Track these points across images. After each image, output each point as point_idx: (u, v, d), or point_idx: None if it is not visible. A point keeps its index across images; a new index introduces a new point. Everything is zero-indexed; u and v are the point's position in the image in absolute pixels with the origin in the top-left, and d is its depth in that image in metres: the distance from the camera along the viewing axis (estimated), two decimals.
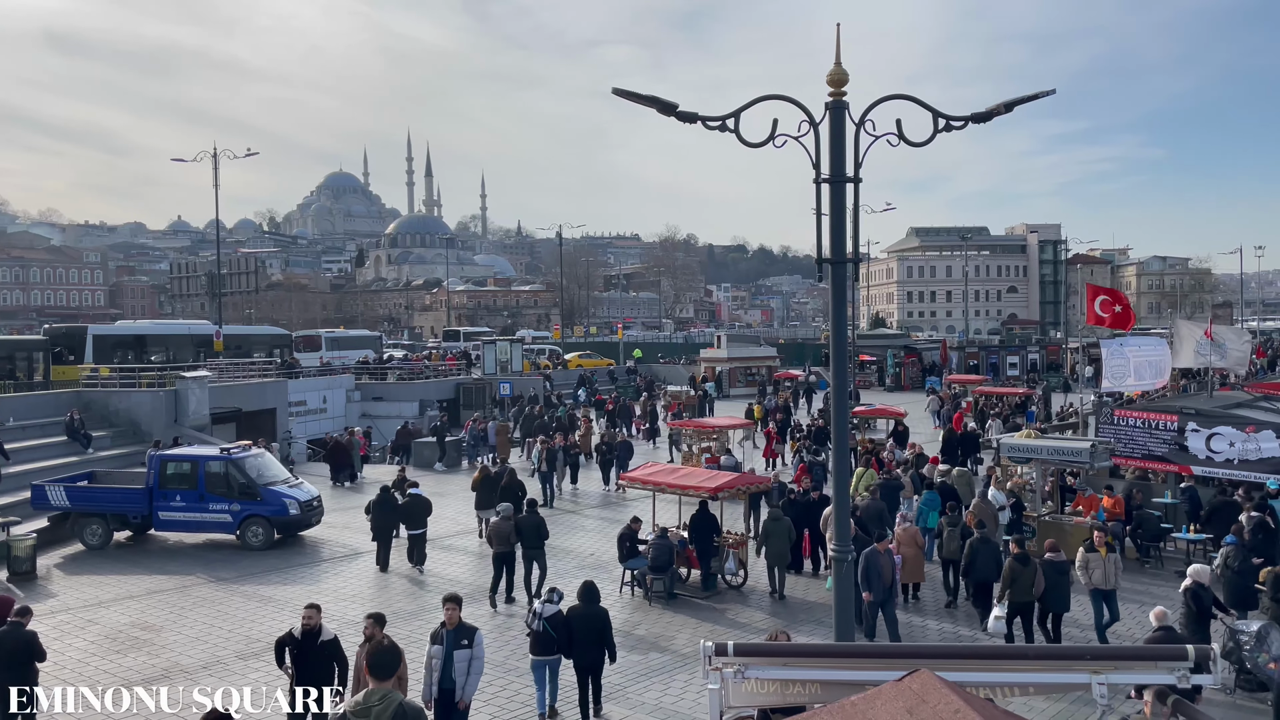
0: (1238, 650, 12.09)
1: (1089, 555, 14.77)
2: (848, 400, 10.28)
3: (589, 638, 11.86)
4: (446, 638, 10.83)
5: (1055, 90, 9.41)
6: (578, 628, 11.85)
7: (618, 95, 9.08)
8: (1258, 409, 23.06)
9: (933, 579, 17.54)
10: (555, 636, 11.74)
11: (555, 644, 11.79)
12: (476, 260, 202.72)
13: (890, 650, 4.54)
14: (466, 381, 47.35)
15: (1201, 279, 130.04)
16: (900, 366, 59.90)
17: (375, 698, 6.19)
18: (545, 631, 11.73)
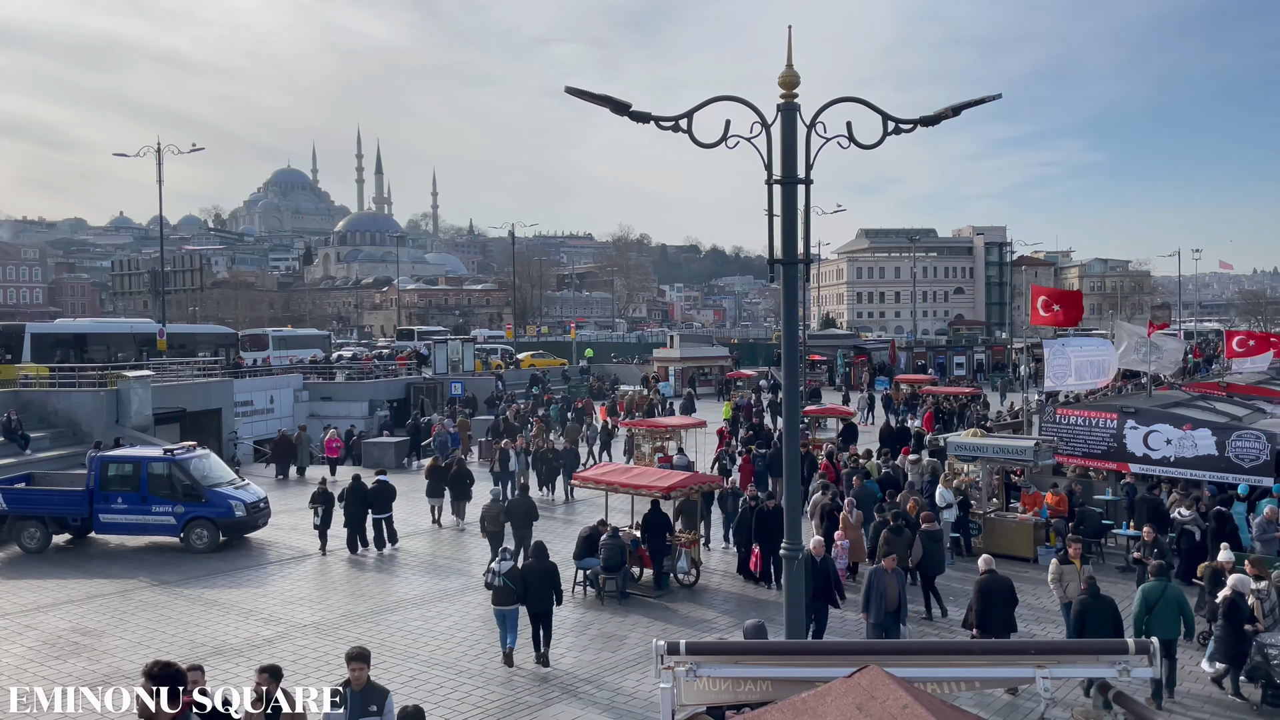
0: (1266, 664, 12.01)
1: (1063, 567, 13.81)
2: (799, 400, 10.37)
3: (541, 588, 13.75)
4: (351, 701, 8.95)
5: (1001, 95, 9.59)
6: (531, 580, 13.72)
7: (571, 94, 9.07)
8: (1194, 408, 23.72)
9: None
10: (513, 588, 13.55)
11: (513, 595, 13.56)
12: (428, 259, 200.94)
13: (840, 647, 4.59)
14: (417, 381, 46.92)
15: (1141, 281, 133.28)
16: (850, 366, 60.56)
17: None
18: (504, 585, 13.57)
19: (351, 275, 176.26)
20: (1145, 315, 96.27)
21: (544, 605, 13.80)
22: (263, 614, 16.46)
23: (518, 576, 13.73)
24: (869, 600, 13.50)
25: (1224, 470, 19.70)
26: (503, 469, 25.76)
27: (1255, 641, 12.22)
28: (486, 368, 54.93)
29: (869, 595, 13.48)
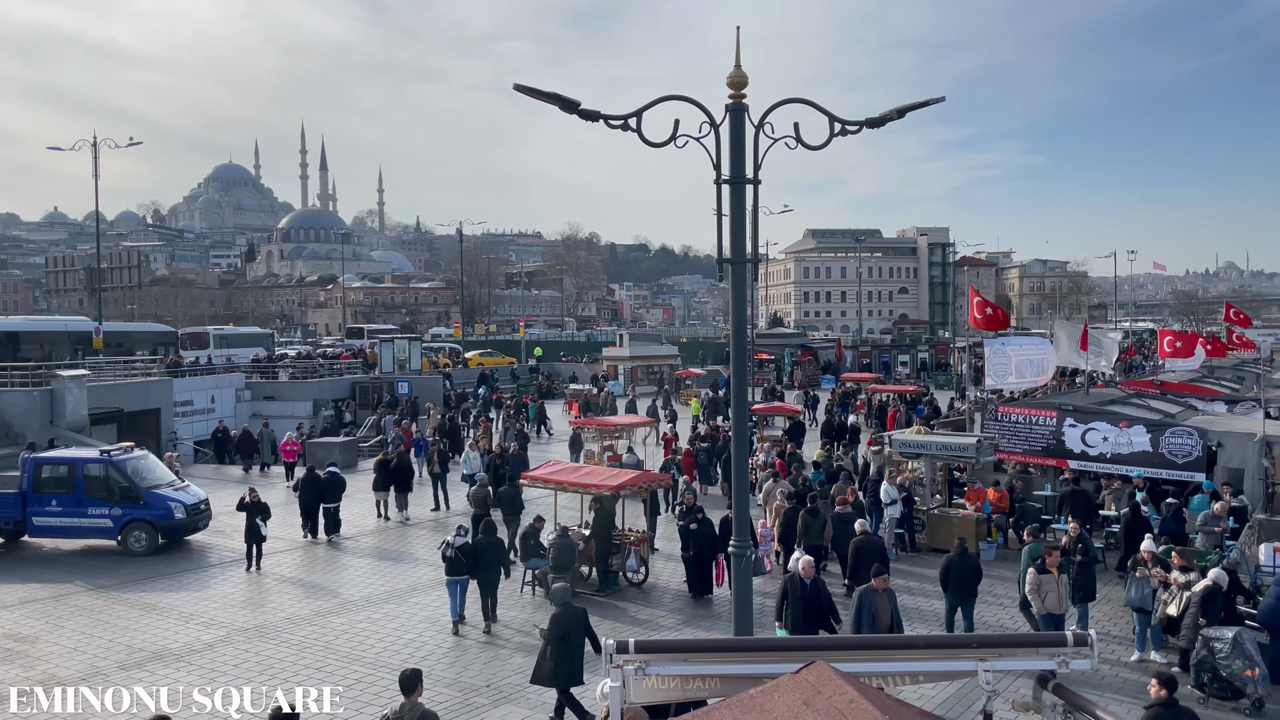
0: (1212, 657, 12.28)
1: (1041, 577, 13.31)
2: (747, 399, 10.45)
3: (490, 562, 15.46)
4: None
5: (944, 98, 9.75)
6: (481, 554, 15.41)
7: (519, 91, 9.01)
8: (1130, 405, 24.36)
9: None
10: (464, 561, 15.26)
11: (464, 566, 15.27)
12: (373, 256, 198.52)
13: (787, 644, 4.64)
14: (363, 380, 46.29)
15: (1079, 281, 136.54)
16: (797, 365, 61.11)
17: (406, 709, 8.38)
18: (456, 557, 15.26)
19: (295, 273, 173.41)
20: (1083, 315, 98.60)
21: (492, 576, 15.41)
22: (203, 618, 16.13)
23: (469, 550, 15.43)
24: (859, 622, 12.52)
25: (1158, 466, 20.24)
26: (443, 469, 25.43)
27: (1201, 635, 12.58)
28: (434, 367, 54.45)
29: (859, 617, 12.53)
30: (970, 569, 14.36)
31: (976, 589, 14.46)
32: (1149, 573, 13.89)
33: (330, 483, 22.30)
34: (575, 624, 11.49)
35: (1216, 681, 12.31)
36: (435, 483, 25.27)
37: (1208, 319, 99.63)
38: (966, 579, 14.27)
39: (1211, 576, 13.11)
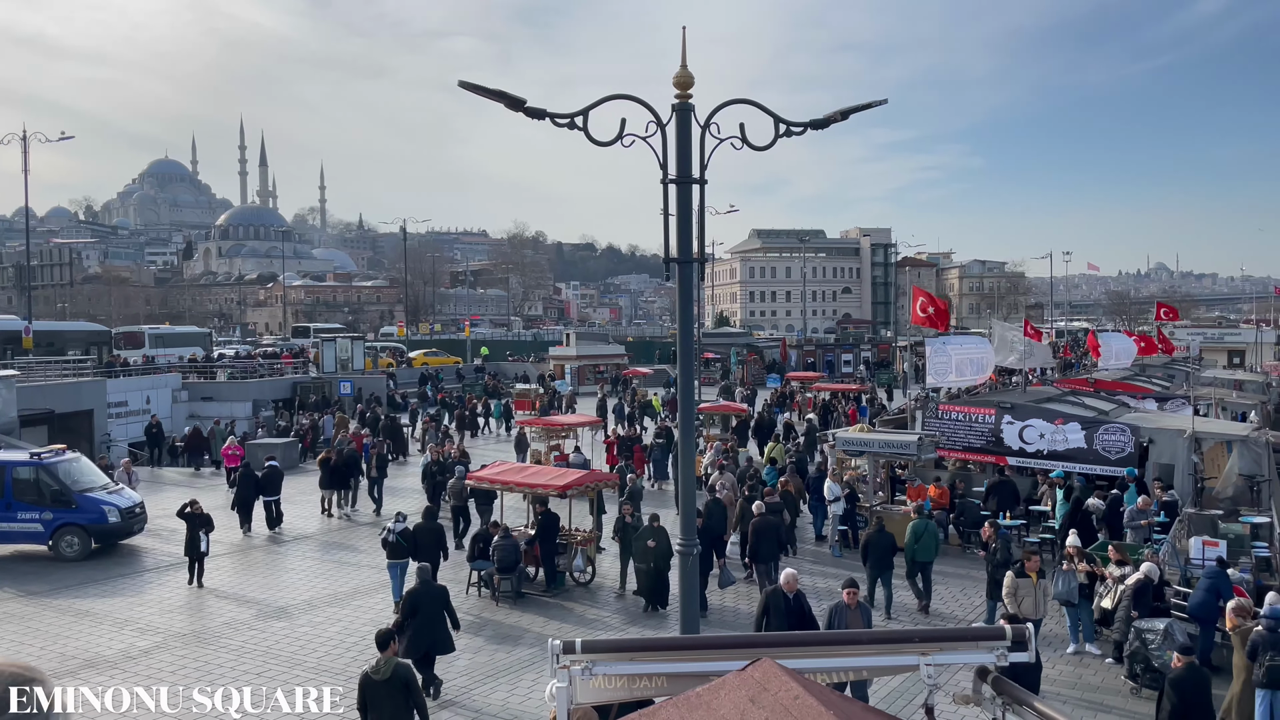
0: (1144, 649, 12.59)
1: (1019, 581, 13.19)
2: (694, 399, 10.49)
3: (429, 545, 16.39)
4: None
5: (887, 100, 9.89)
6: (420, 538, 16.36)
7: (464, 88, 8.93)
8: (1065, 403, 24.95)
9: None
10: (405, 545, 16.04)
11: (405, 550, 16.01)
12: (315, 254, 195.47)
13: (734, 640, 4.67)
14: (304, 380, 45.56)
15: (1016, 282, 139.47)
16: (743, 364, 61.54)
17: (382, 662, 9.68)
18: (397, 542, 16.06)
19: (234, 271, 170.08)
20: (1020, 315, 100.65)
21: (432, 558, 16.13)
22: (139, 623, 15.74)
23: (409, 535, 16.29)
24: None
25: (1092, 462, 20.78)
26: (381, 473, 25.09)
27: (1133, 627, 12.93)
28: (377, 366, 53.79)
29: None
30: (886, 544, 15.95)
31: (892, 561, 16.05)
32: (1074, 567, 14.25)
33: (269, 477, 22.58)
34: (434, 600, 12.47)
35: (1149, 672, 12.67)
36: (372, 486, 24.94)
37: (1139, 319, 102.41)
38: (883, 553, 15.86)
39: (1143, 570, 13.49)
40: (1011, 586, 13.25)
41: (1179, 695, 9.84)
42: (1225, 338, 70.57)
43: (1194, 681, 9.95)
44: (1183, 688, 9.85)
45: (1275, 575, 16.48)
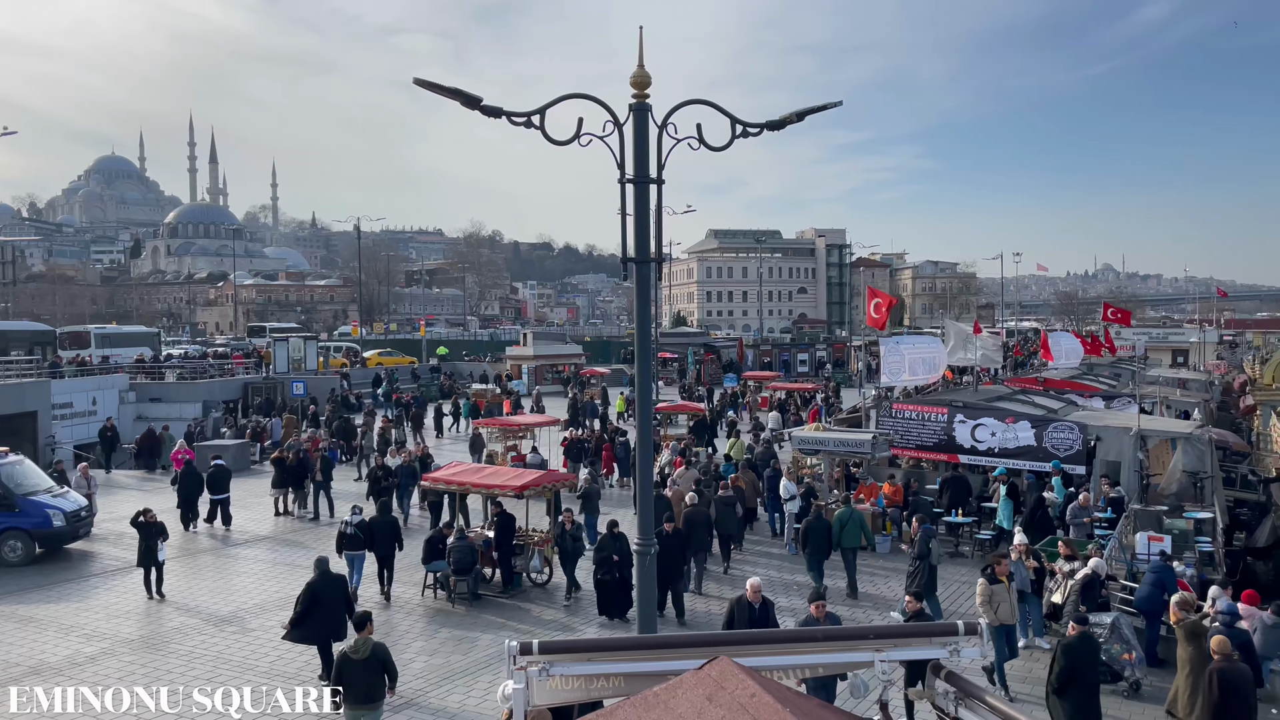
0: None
1: (993, 588, 12.86)
2: (651, 398, 10.49)
3: (385, 537, 16.92)
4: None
5: (842, 102, 9.97)
6: (377, 530, 16.92)
7: (420, 86, 8.85)
8: (1016, 401, 25.37)
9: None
10: (361, 536, 16.74)
11: (361, 542, 16.77)
12: (267, 253, 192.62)
13: (690, 640, 4.68)
14: (256, 381, 44.84)
15: (968, 282, 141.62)
16: (700, 364, 61.73)
17: (360, 642, 10.32)
18: (354, 534, 16.75)
19: (183, 270, 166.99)
20: (972, 314, 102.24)
21: (387, 550, 16.89)
22: (84, 630, 15.38)
23: (366, 527, 16.92)
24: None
25: (1043, 459, 21.16)
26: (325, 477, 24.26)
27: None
28: (329, 366, 53.13)
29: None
30: (823, 529, 17.43)
31: (829, 545, 17.35)
32: (1023, 560, 14.48)
33: (216, 475, 22.67)
34: (333, 590, 13.08)
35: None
36: (317, 491, 24.17)
37: (1087, 319, 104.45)
38: (820, 538, 17.29)
39: (1090, 565, 13.76)
40: (986, 593, 12.91)
41: (1069, 659, 10.87)
42: (1169, 337, 72.30)
43: (1084, 648, 11.06)
44: (1073, 652, 10.91)
45: (1218, 569, 16.92)
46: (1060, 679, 10.84)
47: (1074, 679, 10.76)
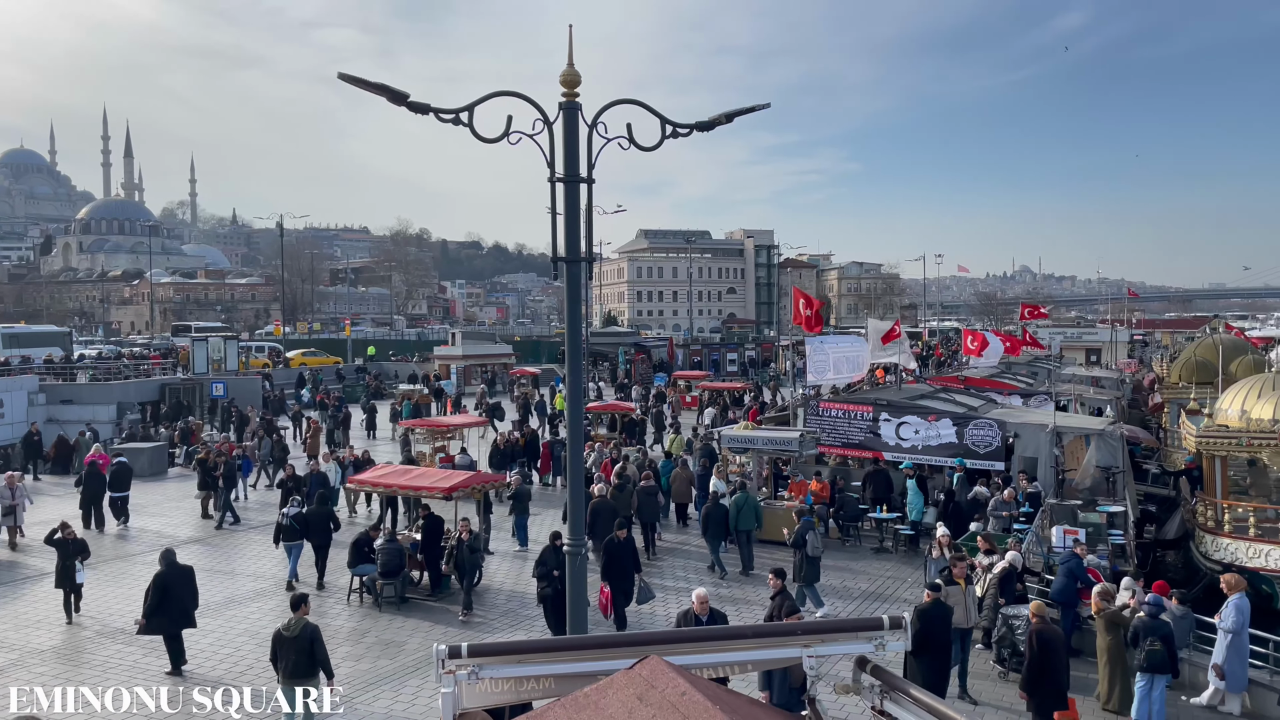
0: (1011, 634, 13.15)
1: (948, 589, 12.85)
2: (582, 398, 10.46)
3: (320, 528, 17.88)
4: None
5: (770, 104, 10.07)
6: (312, 521, 17.90)
7: (344, 81, 8.68)
8: (938, 400, 25.94)
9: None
10: (298, 528, 17.68)
11: (298, 533, 17.69)
12: (185, 250, 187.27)
13: (621, 640, 4.68)
14: (174, 382, 43.54)
15: (891, 283, 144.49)
16: (631, 363, 61.83)
17: (294, 622, 11.13)
18: (291, 525, 17.78)
19: (97, 267, 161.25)
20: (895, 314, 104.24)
21: (323, 540, 17.72)
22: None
23: (302, 518, 17.87)
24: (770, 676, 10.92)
25: (963, 456, 21.69)
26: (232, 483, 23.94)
27: (1000, 614, 13.52)
28: (249, 366, 51.87)
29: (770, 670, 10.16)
30: (720, 515, 18.78)
31: (726, 528, 18.76)
32: (944, 556, 14.83)
33: (117, 473, 22.90)
34: (181, 581, 13.55)
35: (1015, 656, 13.28)
36: (224, 497, 23.38)
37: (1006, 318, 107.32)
38: (719, 523, 18.70)
39: (1008, 558, 14.16)
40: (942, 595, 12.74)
41: (923, 623, 11.54)
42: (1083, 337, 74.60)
43: (937, 614, 11.91)
44: (926, 617, 11.69)
45: (1129, 561, 17.57)
46: (915, 642, 11.02)
47: (928, 641, 11.47)
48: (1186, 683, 13.30)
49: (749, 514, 18.84)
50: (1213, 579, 16.21)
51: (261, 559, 19.75)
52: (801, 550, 15.94)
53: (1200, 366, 31.71)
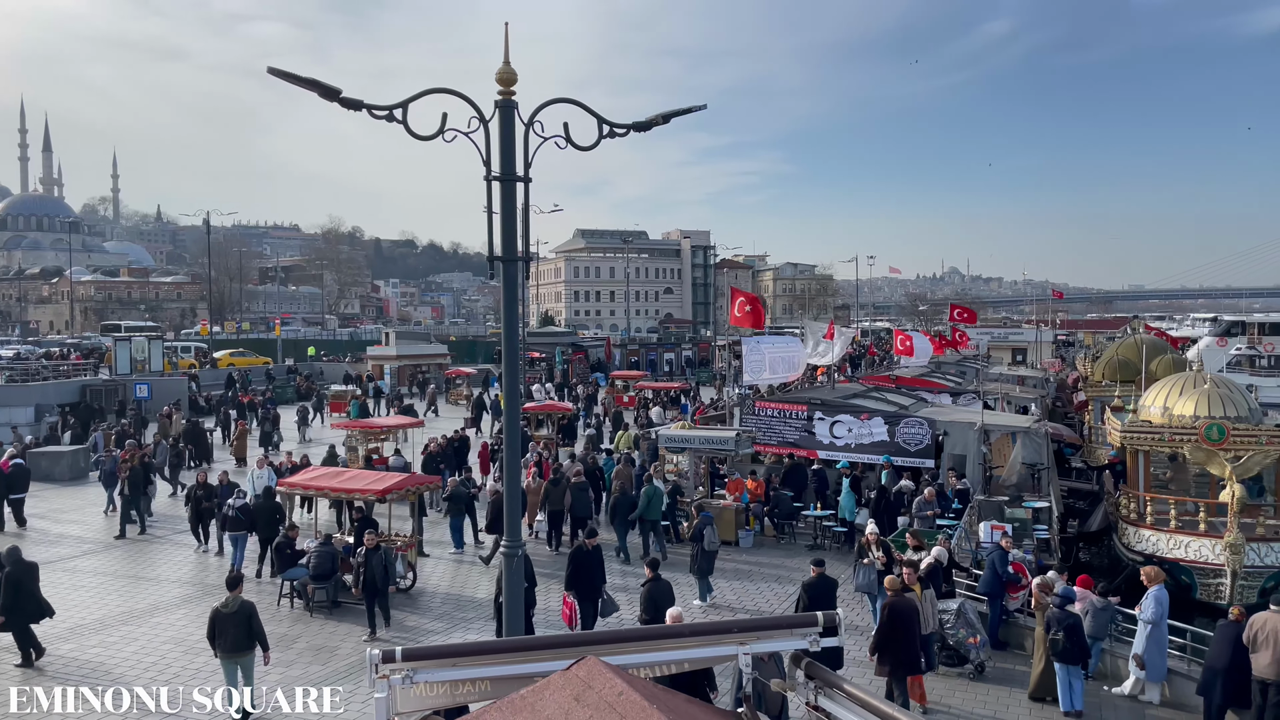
0: (940, 629, 13.36)
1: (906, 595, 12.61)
2: (519, 398, 10.38)
3: (266, 520, 18.27)
4: None
5: (707, 105, 10.12)
6: (259, 514, 18.46)
7: (274, 75, 8.49)
8: (870, 399, 26.36)
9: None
10: (243, 519, 18.33)
11: (244, 524, 18.33)
12: (107, 248, 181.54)
13: (557, 640, 4.66)
14: (95, 383, 42.19)
15: (825, 284, 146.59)
16: (569, 363, 61.70)
17: (230, 599, 11.70)
18: (237, 516, 18.38)
19: (13, 265, 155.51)
20: (829, 315, 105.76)
21: (269, 533, 17.94)
22: None
23: (248, 510, 18.42)
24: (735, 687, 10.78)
25: (894, 454, 22.08)
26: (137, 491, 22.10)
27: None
28: (176, 368, 50.56)
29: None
30: (627, 504, 19.71)
31: (629, 518, 19.47)
32: (874, 557, 15.07)
33: (14, 475, 22.77)
34: (28, 575, 13.82)
35: (945, 650, 13.57)
36: (126, 507, 22.02)
37: (935, 319, 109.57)
38: (624, 513, 19.60)
39: (933, 554, 14.43)
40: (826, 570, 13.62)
41: (810, 595, 12.85)
42: (1009, 337, 76.52)
43: (821, 585, 13.12)
44: (812, 590, 13.00)
45: (1054, 555, 18.06)
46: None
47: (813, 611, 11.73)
48: (1109, 673, 13.72)
49: (656, 504, 19.50)
50: (1134, 571, 16.74)
51: (184, 565, 19.27)
52: (698, 544, 16.62)
53: (1123, 365, 32.72)
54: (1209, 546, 17.51)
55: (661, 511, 19.81)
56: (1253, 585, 17.21)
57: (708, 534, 16.63)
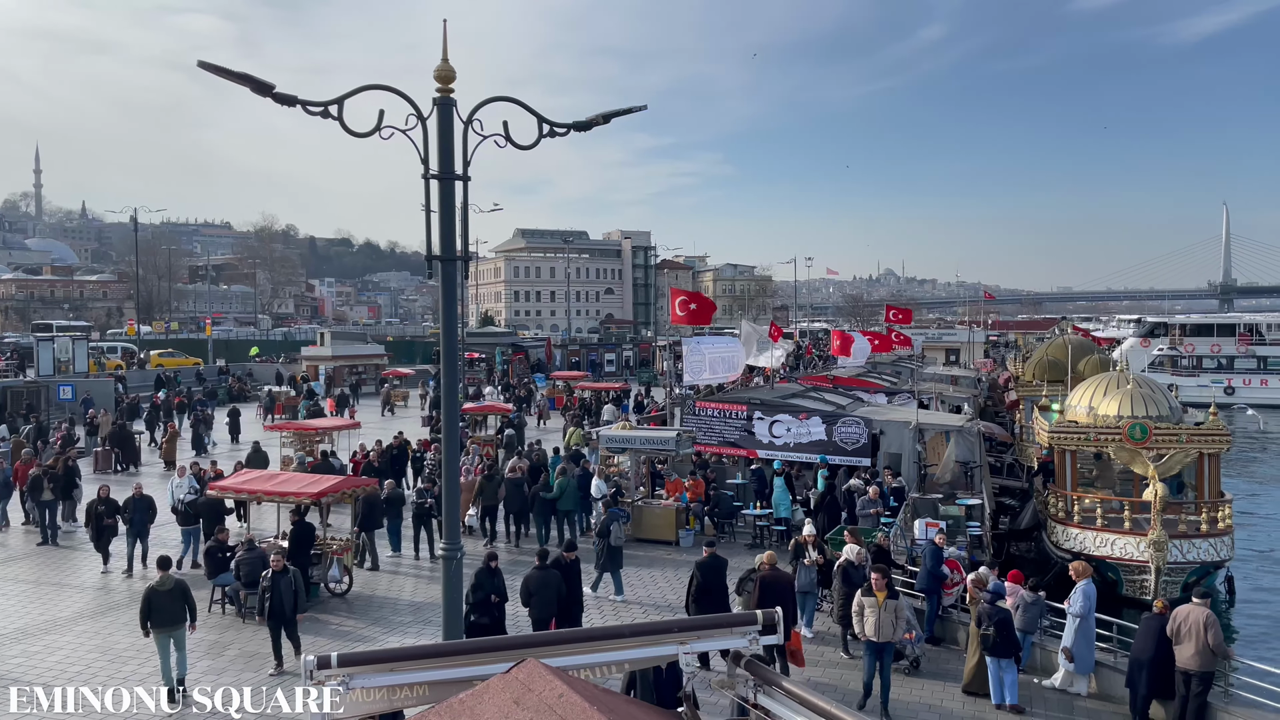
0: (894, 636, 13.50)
1: (864, 600, 12.57)
2: (458, 399, 10.28)
3: (212, 515, 18.40)
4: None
5: (646, 106, 10.13)
6: (202, 510, 18.67)
7: (205, 69, 8.30)
8: (809, 399, 26.65)
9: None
10: (191, 513, 18.73)
11: (193, 518, 18.68)
12: (29, 245, 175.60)
13: (496, 644, 4.63)
14: (16, 385, 40.74)
15: (764, 285, 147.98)
16: (509, 364, 61.32)
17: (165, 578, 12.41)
18: (185, 511, 18.91)
19: None
20: (768, 316, 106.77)
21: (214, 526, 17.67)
22: None
23: (194, 505, 18.81)
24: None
25: (832, 453, 22.35)
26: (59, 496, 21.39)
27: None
28: (102, 368, 49.09)
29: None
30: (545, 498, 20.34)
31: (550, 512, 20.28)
32: (813, 558, 15.21)
33: None
34: None
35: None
36: (42, 512, 21.22)
37: (871, 319, 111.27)
38: (545, 504, 20.25)
39: (844, 553, 14.52)
40: (858, 605, 12.72)
41: (703, 575, 13.70)
42: (943, 337, 78.16)
43: (713, 566, 13.94)
44: (704, 569, 13.82)
45: (986, 551, 18.44)
46: (697, 592, 13.63)
47: (707, 591, 13.47)
48: (1039, 666, 14.05)
49: (571, 497, 20.35)
50: (1063, 567, 17.16)
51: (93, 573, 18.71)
52: (605, 539, 16.84)
53: (1052, 365, 33.54)
54: (1134, 544, 18.03)
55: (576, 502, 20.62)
56: (1176, 580, 17.78)
57: (614, 530, 16.85)
